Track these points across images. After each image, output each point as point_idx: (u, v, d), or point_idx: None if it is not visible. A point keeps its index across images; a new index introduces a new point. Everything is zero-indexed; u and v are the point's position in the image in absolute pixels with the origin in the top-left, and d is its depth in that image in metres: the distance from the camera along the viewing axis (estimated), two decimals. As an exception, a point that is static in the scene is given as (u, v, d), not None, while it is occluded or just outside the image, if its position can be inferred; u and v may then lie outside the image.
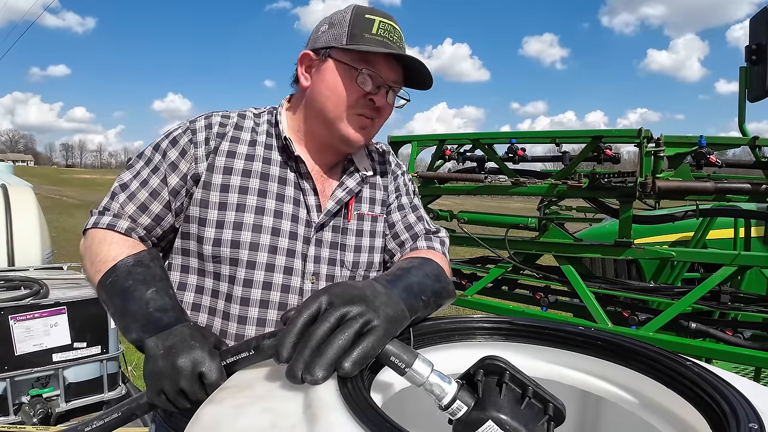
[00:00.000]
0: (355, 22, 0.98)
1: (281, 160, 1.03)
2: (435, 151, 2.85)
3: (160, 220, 1.00)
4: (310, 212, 1.02)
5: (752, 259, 2.06)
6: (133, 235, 0.98)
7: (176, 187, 0.99)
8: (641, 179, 2.07)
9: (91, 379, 2.24)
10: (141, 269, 0.87)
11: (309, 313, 0.63)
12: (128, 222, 0.98)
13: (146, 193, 0.99)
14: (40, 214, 3.30)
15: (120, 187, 1.00)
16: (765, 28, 2.08)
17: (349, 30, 0.97)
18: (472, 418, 0.58)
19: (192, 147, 0.99)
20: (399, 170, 1.19)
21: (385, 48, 0.96)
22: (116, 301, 0.85)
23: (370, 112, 1.01)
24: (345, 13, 1.00)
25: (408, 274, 0.82)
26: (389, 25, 0.99)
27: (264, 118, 1.07)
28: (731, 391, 0.57)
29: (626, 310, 2.35)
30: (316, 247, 1.02)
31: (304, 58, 1.02)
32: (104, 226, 0.97)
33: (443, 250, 1.11)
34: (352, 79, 0.97)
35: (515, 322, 0.79)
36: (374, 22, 0.98)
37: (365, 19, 0.98)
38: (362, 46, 0.96)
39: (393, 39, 0.99)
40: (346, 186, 1.06)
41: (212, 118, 1.02)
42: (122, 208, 0.98)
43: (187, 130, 1.01)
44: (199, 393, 0.71)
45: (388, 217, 1.14)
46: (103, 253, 0.92)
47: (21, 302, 2.05)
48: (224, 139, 1.00)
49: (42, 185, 28.70)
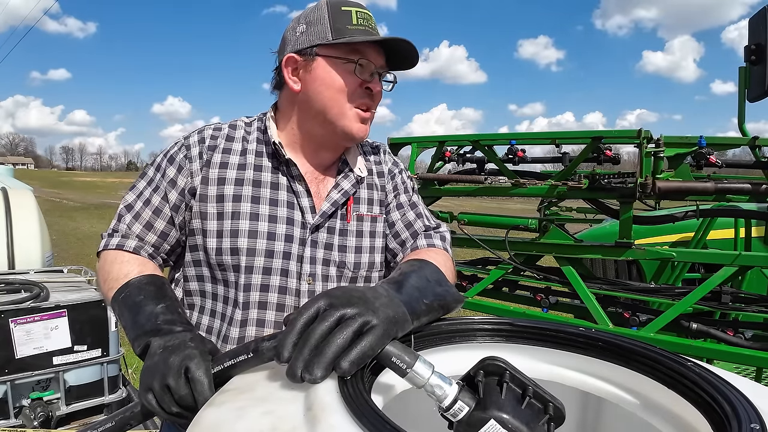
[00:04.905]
0: (334, 16, 0.99)
1: (272, 165, 1.05)
2: (435, 152, 2.85)
3: (165, 236, 1.04)
4: (305, 214, 1.03)
5: (753, 259, 2.05)
6: (141, 252, 1.01)
7: (176, 203, 1.02)
8: (641, 180, 2.07)
9: (92, 382, 2.24)
10: (152, 288, 0.91)
11: (309, 314, 0.63)
12: (136, 241, 1.02)
13: (150, 211, 1.02)
14: (41, 217, 3.30)
15: (125, 208, 1.04)
16: (764, 28, 2.08)
17: (331, 25, 0.99)
18: (474, 419, 0.58)
19: (187, 162, 1.02)
20: (396, 168, 1.19)
21: (369, 35, 0.99)
22: (127, 314, 0.87)
23: (368, 102, 1.03)
24: (320, 10, 1.01)
25: (409, 279, 0.82)
26: (365, 13, 1.02)
27: (254, 126, 1.09)
28: (732, 391, 0.57)
29: (627, 311, 2.35)
30: (311, 248, 1.03)
31: (288, 62, 1.02)
32: (113, 247, 1.01)
33: (445, 246, 1.11)
34: (348, 72, 0.99)
35: (516, 324, 0.79)
36: (352, 13, 1.00)
37: (342, 11, 1.00)
38: (352, 38, 0.98)
39: (372, 26, 1.02)
40: (341, 187, 1.07)
41: (204, 132, 1.06)
42: (129, 228, 1.02)
43: (182, 147, 1.04)
44: (183, 390, 0.70)
45: (388, 216, 1.14)
46: (114, 271, 0.96)
47: (21, 305, 2.05)
48: (215, 151, 1.03)
49: (42, 188, 28.72)
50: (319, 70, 1.00)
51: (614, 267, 3.60)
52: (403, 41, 1.00)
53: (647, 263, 3.35)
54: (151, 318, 0.83)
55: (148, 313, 0.84)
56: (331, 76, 0.99)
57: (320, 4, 1.02)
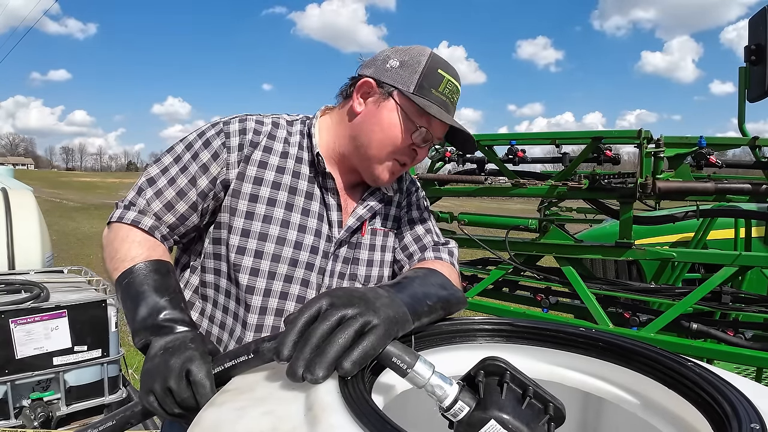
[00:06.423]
0: (428, 73, 0.98)
1: (310, 174, 1.04)
2: (435, 152, 2.85)
3: (184, 219, 1.00)
4: (332, 228, 1.04)
5: (753, 259, 2.05)
6: (156, 233, 0.97)
7: (205, 190, 0.99)
8: (641, 180, 2.07)
9: (92, 383, 2.23)
10: (157, 276, 0.88)
11: (310, 314, 0.63)
12: (152, 220, 0.97)
13: (173, 192, 0.98)
14: (41, 217, 3.30)
15: (147, 182, 0.99)
16: (764, 28, 2.08)
17: (419, 80, 0.98)
18: (474, 419, 0.58)
19: (225, 151, 0.99)
20: (413, 186, 1.21)
21: (446, 109, 0.99)
22: (129, 304, 0.85)
23: (408, 160, 1.03)
24: (420, 58, 0.99)
25: (412, 282, 0.82)
26: (455, 86, 1.01)
27: (297, 128, 1.08)
28: (732, 391, 0.57)
29: (627, 311, 2.35)
30: (333, 262, 1.05)
31: (364, 85, 1.01)
32: (128, 221, 0.96)
33: (452, 260, 1.11)
34: (408, 129, 0.99)
35: (516, 324, 0.79)
36: (444, 80, 0.99)
37: (437, 74, 0.99)
38: (427, 103, 0.97)
39: (454, 100, 1.01)
40: (367, 204, 1.08)
41: (246, 122, 1.01)
42: (148, 205, 0.97)
43: (221, 133, 1.00)
44: (185, 392, 0.70)
45: (398, 231, 1.16)
46: (123, 250, 0.92)
47: (22, 306, 2.04)
48: (257, 148, 1.01)
49: (42, 188, 28.72)
50: (386, 111, 1.00)
51: (614, 267, 3.60)
52: (467, 134, 1.01)
53: (647, 263, 3.35)
54: (153, 313, 0.82)
55: (150, 307, 0.83)
56: (391, 122, 0.99)
57: (423, 54, 1.00)
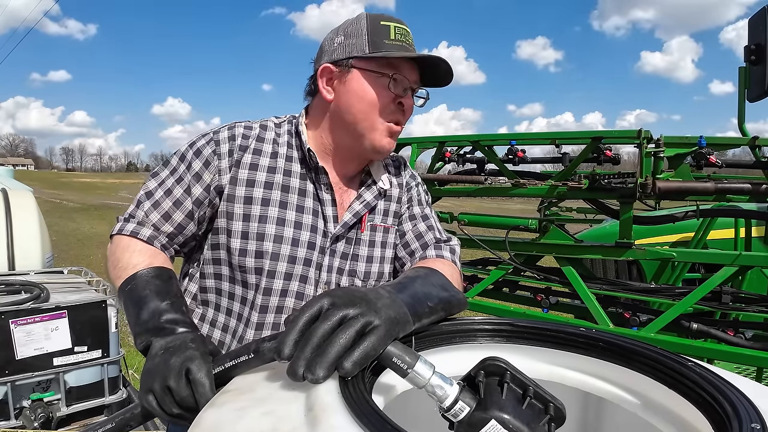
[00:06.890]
0: (373, 30, 0.99)
1: (302, 171, 1.05)
2: (435, 153, 2.86)
3: (182, 228, 1.03)
4: (327, 223, 1.05)
5: (753, 259, 2.05)
6: (155, 243, 1.01)
7: (200, 198, 1.01)
8: (641, 180, 2.07)
9: (92, 383, 2.23)
10: (159, 282, 0.90)
11: (311, 313, 0.63)
12: (151, 230, 1.01)
13: (170, 202, 1.02)
14: (41, 218, 3.30)
15: (145, 195, 1.03)
16: (764, 28, 2.08)
17: (369, 38, 0.99)
18: (474, 419, 0.58)
19: (215, 158, 1.01)
20: (413, 181, 1.21)
21: (405, 51, 0.99)
22: (132, 309, 0.87)
23: (398, 116, 1.03)
24: (359, 22, 1.01)
25: (413, 283, 0.82)
26: (404, 30, 1.02)
27: (284, 128, 1.09)
28: (733, 391, 0.57)
29: (627, 311, 2.35)
30: (330, 257, 1.05)
31: (324, 72, 1.03)
32: (128, 233, 1.00)
33: (453, 258, 1.11)
34: (382, 86, 0.99)
35: (516, 324, 0.79)
36: (390, 28, 1.00)
37: (381, 26, 1.00)
38: (388, 53, 0.98)
39: (409, 42, 1.02)
40: (363, 199, 1.08)
41: (235, 129, 1.04)
42: (146, 216, 1.02)
43: (211, 141, 1.03)
44: (184, 391, 0.70)
45: (399, 227, 1.15)
46: (124, 259, 0.95)
47: (22, 306, 2.04)
48: (246, 152, 1.02)
49: (42, 189, 28.72)
50: (354, 82, 1.00)
51: (614, 267, 3.61)
52: (439, 59, 1.00)
53: (647, 263, 3.35)
54: (155, 315, 0.83)
55: (152, 310, 0.84)
56: (364, 88, 1.00)
57: (360, 17, 1.02)
